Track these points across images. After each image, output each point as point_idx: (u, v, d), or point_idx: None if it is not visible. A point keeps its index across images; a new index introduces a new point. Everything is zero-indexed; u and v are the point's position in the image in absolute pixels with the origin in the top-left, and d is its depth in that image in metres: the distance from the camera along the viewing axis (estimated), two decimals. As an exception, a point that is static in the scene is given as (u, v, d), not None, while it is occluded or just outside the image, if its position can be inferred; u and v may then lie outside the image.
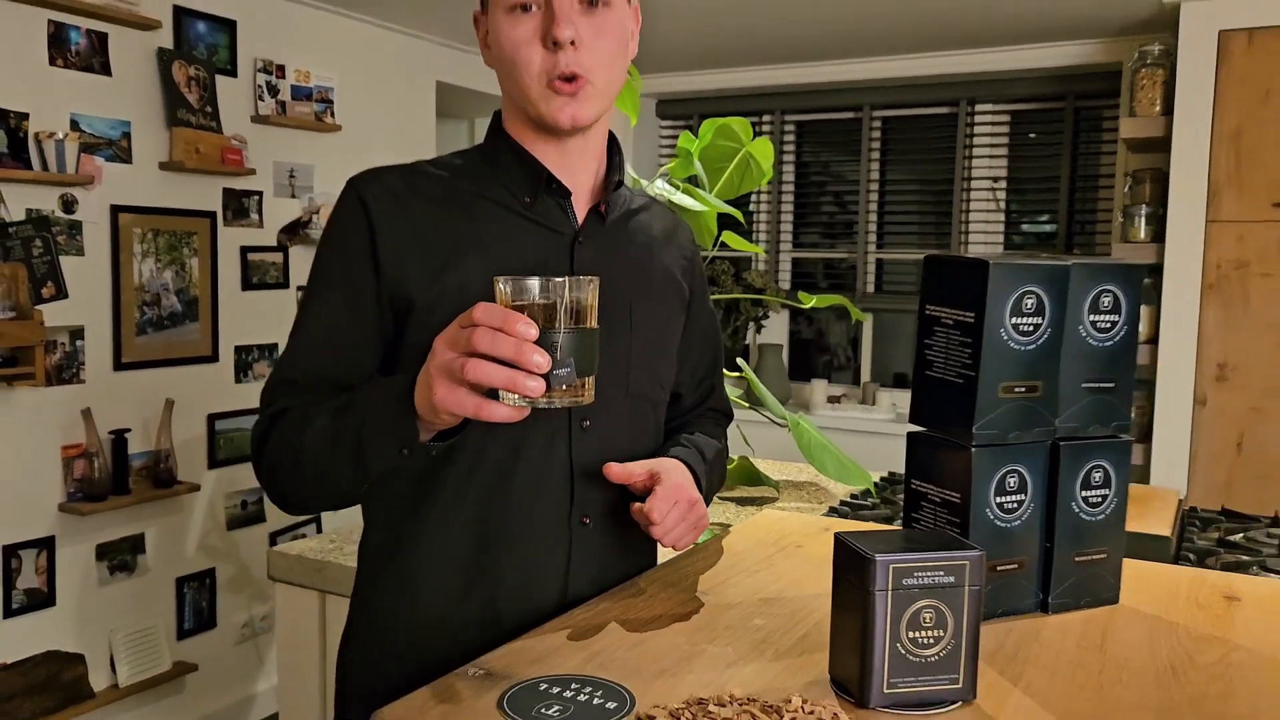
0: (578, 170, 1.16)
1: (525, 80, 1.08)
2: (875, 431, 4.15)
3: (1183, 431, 3.25)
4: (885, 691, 0.84)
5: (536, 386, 0.86)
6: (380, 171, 1.14)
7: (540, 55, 1.07)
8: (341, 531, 1.99)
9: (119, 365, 2.88)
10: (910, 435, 1.10)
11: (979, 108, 4.19)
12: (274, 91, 3.26)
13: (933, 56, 4.10)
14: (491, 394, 0.90)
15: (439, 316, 1.03)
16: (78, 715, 2.78)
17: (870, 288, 4.49)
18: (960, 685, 0.85)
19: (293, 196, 3.37)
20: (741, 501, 2.28)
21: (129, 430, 2.87)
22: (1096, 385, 1.07)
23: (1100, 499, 1.08)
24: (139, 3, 2.86)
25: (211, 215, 3.12)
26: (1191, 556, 1.90)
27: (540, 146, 1.14)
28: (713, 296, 2.86)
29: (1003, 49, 3.96)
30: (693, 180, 2.27)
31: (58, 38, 2.70)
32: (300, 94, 3.34)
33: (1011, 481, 1.04)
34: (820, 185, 4.69)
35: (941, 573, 0.84)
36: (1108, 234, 3.86)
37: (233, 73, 3.15)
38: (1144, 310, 3.35)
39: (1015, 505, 1.05)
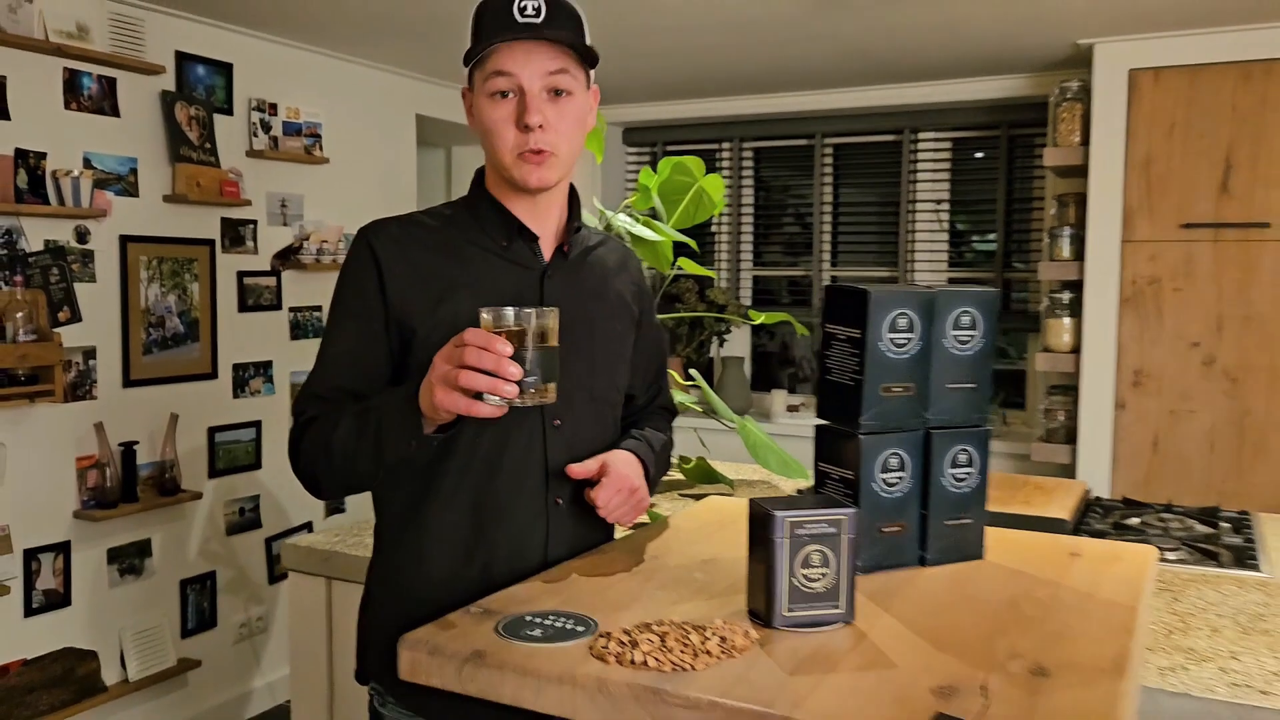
0: (544, 219, 1.44)
1: (501, 151, 1.36)
2: (830, 438, 4.44)
3: (1105, 433, 3.56)
4: (785, 615, 1.11)
5: (512, 390, 1.14)
6: (385, 222, 1.41)
7: (513, 133, 1.34)
8: (343, 527, 2.25)
9: (128, 382, 3.13)
10: (817, 427, 1.38)
11: (921, 135, 4.52)
12: (267, 128, 3.52)
13: (877, 89, 4.41)
14: (478, 397, 1.17)
15: (436, 341, 1.29)
16: (91, 707, 3.01)
17: (825, 303, 4.78)
18: (842, 610, 1.13)
19: (285, 225, 3.62)
20: (699, 498, 2.55)
21: (137, 443, 3.11)
22: (960, 386, 1.35)
23: (965, 475, 1.37)
24: (144, 50, 3.11)
25: (211, 243, 3.37)
26: (1083, 536, 2.20)
27: (514, 200, 1.41)
28: (678, 314, 3.13)
29: (941, 82, 4.28)
30: (652, 212, 2.56)
31: (72, 84, 2.95)
32: (291, 130, 3.60)
33: (893, 462, 1.32)
34: (781, 207, 4.99)
35: (825, 524, 1.12)
36: (1040, 252, 4.18)
37: (229, 111, 3.41)
38: (1068, 322, 3.67)
39: (896, 480, 1.33)
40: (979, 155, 4.43)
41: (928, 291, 1.32)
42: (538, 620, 1.13)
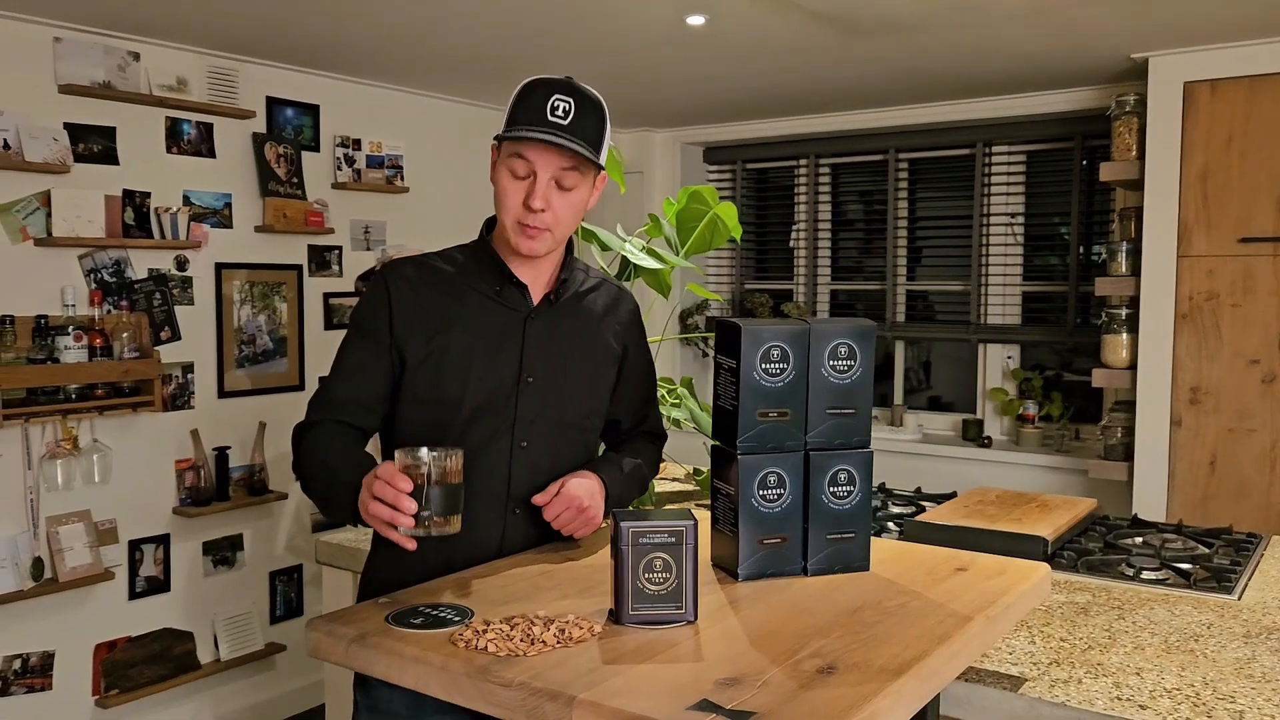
0: (537, 269, 1.69)
1: (505, 219, 1.62)
2: (899, 451, 4.49)
3: (1161, 451, 3.51)
4: (631, 613, 1.27)
5: (408, 523, 1.36)
6: (403, 263, 1.69)
7: (518, 207, 1.59)
8: (376, 527, 2.50)
9: (222, 393, 3.50)
10: (711, 447, 1.53)
11: (995, 149, 4.50)
12: (350, 162, 3.85)
13: (949, 104, 4.43)
14: None
15: (428, 366, 1.60)
16: (187, 682, 3.38)
17: (901, 316, 4.82)
18: (684, 610, 1.28)
19: (367, 249, 3.96)
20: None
21: (229, 447, 3.48)
22: (839, 411, 1.48)
23: (846, 494, 1.49)
24: (238, 98, 3.49)
25: (298, 268, 3.72)
26: (1068, 554, 2.24)
27: (512, 253, 1.66)
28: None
29: (1012, 96, 4.27)
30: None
31: (173, 130, 3.34)
32: (373, 162, 3.93)
33: (772, 480, 1.46)
34: (857, 221, 5.05)
35: (666, 534, 1.27)
36: (1114, 265, 4.11)
37: (315, 148, 3.76)
38: (1125, 338, 3.63)
39: (776, 496, 1.46)
40: (1084, 164, 4.34)
41: (800, 326, 1.45)
42: (425, 610, 1.32)
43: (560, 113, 1.55)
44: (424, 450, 1.38)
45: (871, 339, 1.49)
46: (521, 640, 1.20)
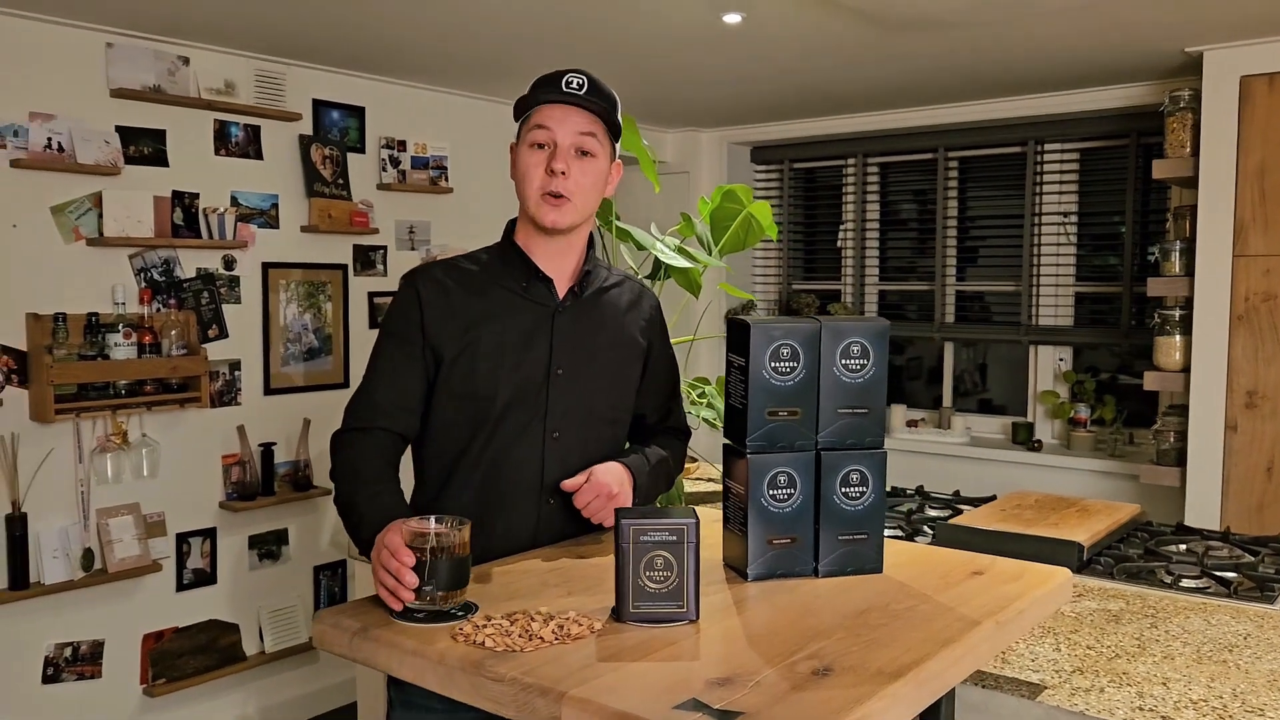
0: (561, 261, 1.71)
1: (528, 190, 1.64)
2: (944, 454, 4.42)
3: (1215, 456, 3.40)
4: (631, 611, 1.27)
5: (406, 597, 1.29)
6: (430, 266, 1.72)
7: (541, 176, 1.62)
8: (408, 523, 2.53)
9: (268, 390, 3.56)
10: (722, 446, 1.52)
11: (1047, 147, 4.41)
12: (396, 163, 3.90)
13: (1001, 101, 4.35)
14: None
15: (461, 364, 1.63)
16: (233, 673, 3.45)
17: (950, 317, 4.74)
18: (685, 609, 1.27)
19: (412, 249, 4.00)
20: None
21: (275, 443, 3.54)
22: (851, 410, 1.46)
23: (859, 494, 1.47)
24: (285, 100, 3.55)
25: (343, 267, 3.78)
26: (1105, 560, 2.19)
27: (536, 246, 1.69)
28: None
29: (1065, 92, 4.17)
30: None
31: (221, 133, 3.41)
32: (418, 163, 3.97)
33: (781, 479, 1.44)
34: (906, 221, 4.98)
35: (667, 533, 1.27)
36: (1170, 265, 3.99)
37: (361, 150, 3.82)
38: (1179, 340, 3.53)
39: (786, 496, 1.45)
40: (1139, 161, 4.21)
41: (811, 324, 1.43)
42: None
43: (575, 85, 1.61)
44: (431, 520, 1.35)
45: (885, 338, 1.47)
46: (520, 636, 1.20)
